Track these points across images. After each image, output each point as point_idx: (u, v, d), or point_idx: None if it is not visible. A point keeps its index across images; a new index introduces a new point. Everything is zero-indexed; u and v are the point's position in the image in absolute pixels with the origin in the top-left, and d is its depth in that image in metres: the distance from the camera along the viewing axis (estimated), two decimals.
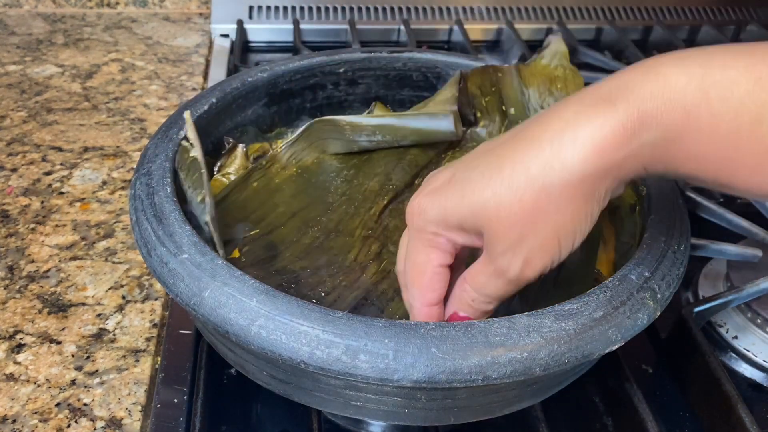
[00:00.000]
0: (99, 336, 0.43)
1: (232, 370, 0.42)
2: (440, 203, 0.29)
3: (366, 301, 0.37)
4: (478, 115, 0.49)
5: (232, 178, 0.44)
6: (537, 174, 0.26)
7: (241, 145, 0.45)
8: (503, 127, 0.49)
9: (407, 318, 0.36)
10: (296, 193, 0.44)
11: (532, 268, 0.28)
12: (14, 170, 0.56)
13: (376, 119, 0.47)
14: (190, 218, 0.36)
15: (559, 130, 0.26)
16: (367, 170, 0.46)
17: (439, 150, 0.48)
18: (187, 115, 0.39)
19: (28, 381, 0.40)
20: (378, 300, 0.37)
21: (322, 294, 0.37)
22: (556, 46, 0.47)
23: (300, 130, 0.47)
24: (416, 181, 0.46)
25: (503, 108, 0.49)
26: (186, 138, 0.39)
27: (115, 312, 0.44)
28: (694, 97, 0.25)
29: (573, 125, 0.26)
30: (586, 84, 0.47)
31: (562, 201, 0.26)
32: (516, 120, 0.48)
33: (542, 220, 0.27)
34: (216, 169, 0.45)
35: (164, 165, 0.37)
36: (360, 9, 0.82)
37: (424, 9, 0.83)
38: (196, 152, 0.38)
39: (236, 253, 0.39)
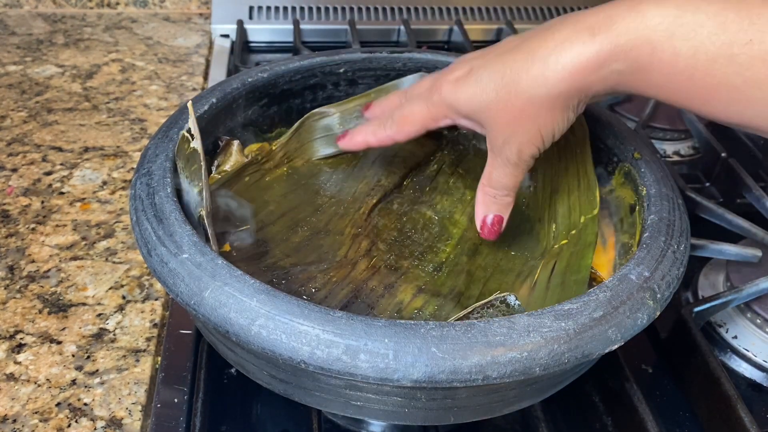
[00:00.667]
0: (99, 336, 0.43)
1: (233, 370, 0.42)
2: (457, 93, 0.36)
3: (356, 298, 0.37)
4: None
5: None
6: (526, 87, 0.33)
7: (235, 142, 0.45)
8: None
9: (397, 314, 0.36)
10: (286, 192, 0.44)
11: (524, 154, 0.36)
12: (15, 170, 0.56)
13: (362, 97, 0.48)
14: (186, 210, 0.36)
15: (550, 49, 0.33)
16: (356, 174, 0.46)
17: (428, 152, 0.48)
18: (189, 105, 0.40)
19: (28, 381, 0.40)
20: (368, 296, 0.37)
21: (313, 290, 0.37)
22: None
23: (292, 128, 0.47)
24: (405, 182, 0.46)
25: None
26: (188, 129, 0.39)
27: (115, 312, 0.44)
28: (662, 36, 0.30)
29: (560, 49, 0.32)
30: None
31: (543, 109, 0.34)
32: None
33: (528, 122, 0.34)
34: (213, 167, 0.45)
35: (164, 165, 0.37)
36: (360, 9, 0.82)
37: (424, 9, 0.83)
38: (197, 144, 0.38)
39: (227, 247, 0.39)
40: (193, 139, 0.38)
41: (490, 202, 0.39)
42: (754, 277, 0.45)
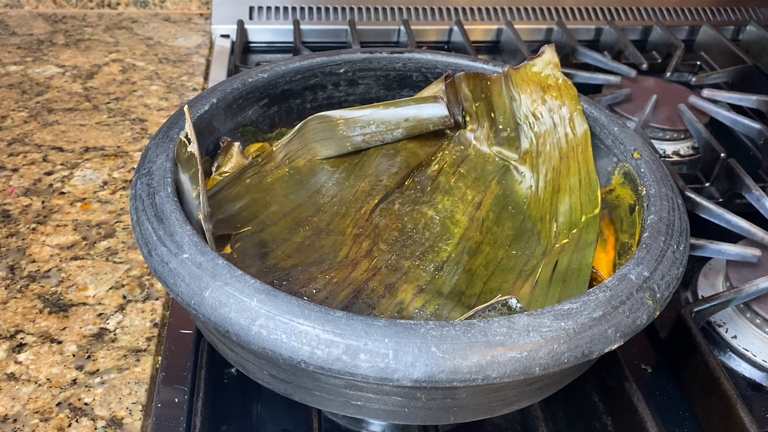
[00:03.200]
0: (100, 336, 0.43)
1: (233, 370, 0.42)
2: None
3: (357, 299, 0.37)
4: (467, 118, 0.50)
5: None
6: None
7: (236, 144, 0.45)
8: (491, 133, 0.50)
9: (398, 314, 0.36)
10: (288, 193, 0.44)
11: None
12: (15, 170, 0.56)
13: (368, 110, 0.47)
14: (186, 211, 0.36)
15: None
16: (358, 173, 0.46)
17: (429, 151, 0.48)
18: (186, 110, 0.40)
19: (29, 380, 0.40)
20: (369, 297, 0.37)
21: (314, 291, 0.37)
22: (549, 57, 0.48)
23: (294, 129, 0.47)
24: (407, 182, 0.46)
25: (492, 115, 0.49)
26: (185, 134, 0.39)
27: (115, 312, 0.44)
28: None
29: None
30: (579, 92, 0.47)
31: None
32: (504, 128, 0.49)
33: None
34: (213, 168, 0.45)
35: (165, 165, 0.37)
36: (360, 9, 0.82)
37: (424, 9, 0.83)
38: (193, 148, 0.38)
39: (228, 249, 0.39)
40: (190, 143, 0.38)
41: None
42: (753, 277, 0.45)
